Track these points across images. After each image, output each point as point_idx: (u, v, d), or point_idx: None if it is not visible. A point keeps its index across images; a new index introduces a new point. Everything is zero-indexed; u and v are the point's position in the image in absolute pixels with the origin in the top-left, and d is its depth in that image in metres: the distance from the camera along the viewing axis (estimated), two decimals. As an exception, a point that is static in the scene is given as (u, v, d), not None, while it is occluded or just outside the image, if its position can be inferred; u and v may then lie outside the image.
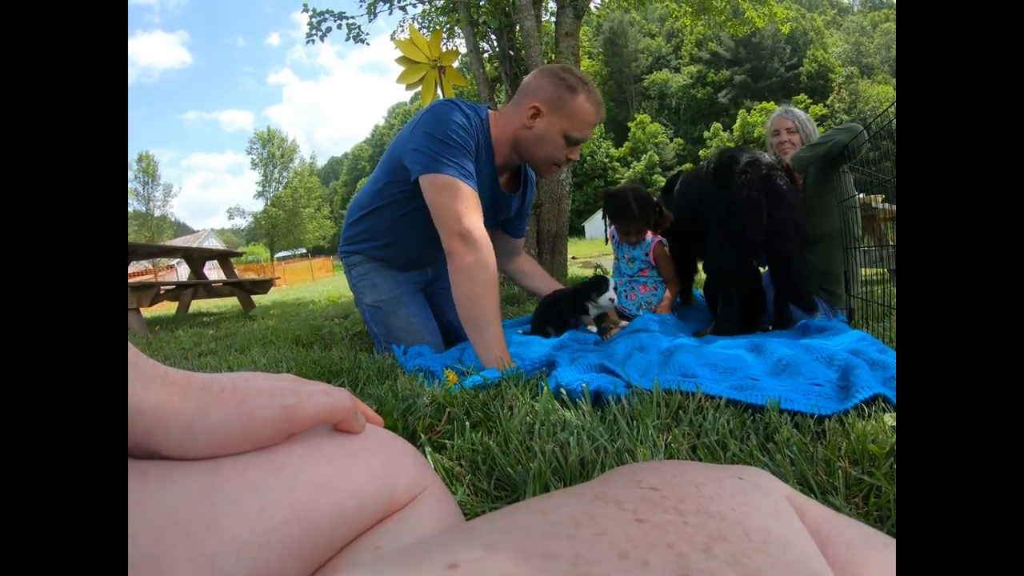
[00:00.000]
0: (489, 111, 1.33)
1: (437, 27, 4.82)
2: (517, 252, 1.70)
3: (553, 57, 3.48)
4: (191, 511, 0.24)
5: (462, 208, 1.10)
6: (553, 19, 3.64)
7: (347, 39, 4.62)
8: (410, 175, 1.21)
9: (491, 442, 0.66)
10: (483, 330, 1.09)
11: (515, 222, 1.61)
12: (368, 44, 4.81)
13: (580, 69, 1.32)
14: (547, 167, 1.35)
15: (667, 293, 1.84)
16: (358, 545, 0.31)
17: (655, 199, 1.72)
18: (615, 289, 1.50)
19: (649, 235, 1.84)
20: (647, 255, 1.86)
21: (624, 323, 1.62)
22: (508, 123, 1.29)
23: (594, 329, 1.57)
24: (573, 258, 11.20)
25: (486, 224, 1.23)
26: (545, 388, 0.85)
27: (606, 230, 1.97)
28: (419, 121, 1.22)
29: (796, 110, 1.94)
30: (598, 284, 1.50)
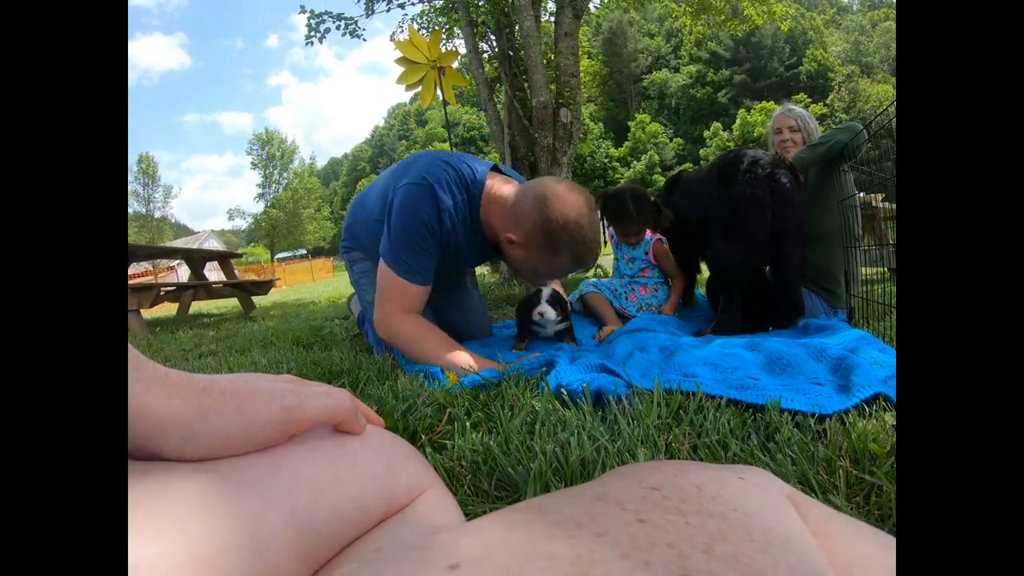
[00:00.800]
0: (488, 177, 1.24)
1: (436, 27, 4.83)
2: None
3: (553, 57, 3.48)
4: (191, 513, 0.24)
5: (386, 300, 1.22)
6: (552, 19, 3.65)
7: (343, 34, 4.64)
8: None
9: (492, 442, 0.66)
10: (439, 360, 1.13)
11: None
12: (364, 39, 4.82)
13: (588, 211, 1.13)
14: (521, 275, 1.39)
15: (672, 292, 1.84)
16: (359, 546, 0.31)
17: (652, 198, 1.72)
18: (549, 301, 1.32)
19: (648, 233, 1.83)
20: (647, 254, 1.86)
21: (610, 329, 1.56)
22: (496, 215, 1.22)
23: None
24: (573, 258, 11.14)
25: (478, 264, 1.35)
26: (546, 388, 0.85)
27: (604, 231, 1.97)
28: (398, 189, 1.18)
29: (798, 108, 1.94)
30: (530, 301, 1.35)
